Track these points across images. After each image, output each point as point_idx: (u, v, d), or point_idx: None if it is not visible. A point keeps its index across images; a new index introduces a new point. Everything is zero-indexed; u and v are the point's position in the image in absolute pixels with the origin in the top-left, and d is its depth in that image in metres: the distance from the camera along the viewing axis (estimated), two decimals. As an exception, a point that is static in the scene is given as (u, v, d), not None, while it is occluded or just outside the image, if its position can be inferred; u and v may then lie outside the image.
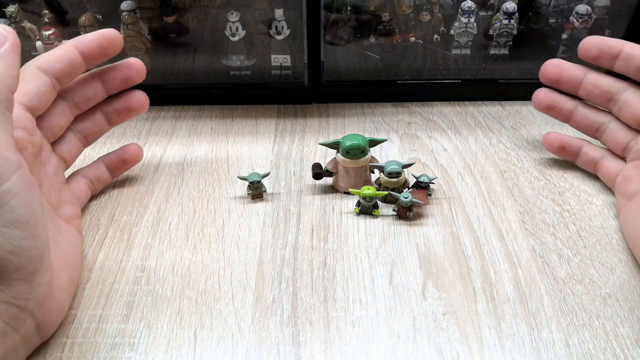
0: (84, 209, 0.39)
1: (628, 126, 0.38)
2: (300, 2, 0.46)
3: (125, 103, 0.39)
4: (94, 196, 0.40)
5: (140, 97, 0.39)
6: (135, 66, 0.37)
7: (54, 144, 0.36)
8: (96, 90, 0.37)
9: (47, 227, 0.28)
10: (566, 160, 0.43)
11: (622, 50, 0.37)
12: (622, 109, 0.38)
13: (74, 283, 0.32)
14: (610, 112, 0.40)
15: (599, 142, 0.41)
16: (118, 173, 0.41)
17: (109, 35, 0.35)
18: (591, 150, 0.41)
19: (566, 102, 0.41)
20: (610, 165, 0.40)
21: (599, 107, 0.40)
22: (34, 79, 0.32)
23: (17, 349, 0.27)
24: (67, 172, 0.38)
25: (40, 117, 0.34)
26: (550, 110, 0.42)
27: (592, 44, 0.38)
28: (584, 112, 0.41)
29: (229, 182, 0.42)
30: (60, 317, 0.31)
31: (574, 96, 0.41)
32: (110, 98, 0.38)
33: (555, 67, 0.40)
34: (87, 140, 0.39)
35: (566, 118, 0.42)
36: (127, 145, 0.41)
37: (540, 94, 0.42)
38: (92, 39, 0.34)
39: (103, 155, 0.41)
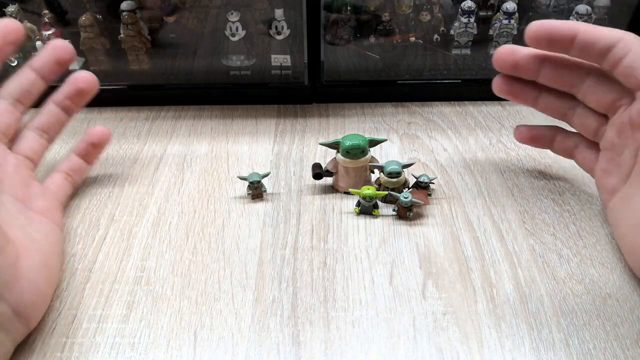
0: (84, 208, 0.39)
1: (595, 111, 0.36)
2: (300, 2, 0.46)
3: (71, 86, 0.38)
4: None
5: (85, 75, 0.38)
6: (61, 45, 0.37)
7: (13, 144, 0.36)
8: (30, 79, 0.37)
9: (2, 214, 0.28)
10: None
11: (577, 35, 0.32)
12: (587, 96, 0.36)
13: (49, 267, 0.32)
14: (575, 96, 0.37)
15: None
16: (92, 158, 0.41)
17: (6, 25, 0.34)
18: (564, 138, 0.39)
19: (528, 89, 0.38)
20: (585, 153, 0.38)
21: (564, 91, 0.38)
22: None
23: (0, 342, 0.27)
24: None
25: None
26: (513, 96, 0.38)
27: (542, 33, 0.33)
28: (548, 98, 0.38)
29: (229, 182, 0.42)
30: (41, 301, 0.30)
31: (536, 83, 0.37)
32: (57, 87, 0.38)
33: (509, 55, 0.36)
34: (49, 134, 0.38)
35: (532, 104, 0.38)
36: (92, 128, 0.41)
37: (498, 81, 0.38)
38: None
39: (74, 146, 0.41)
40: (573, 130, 0.39)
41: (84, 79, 0.38)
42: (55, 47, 0.37)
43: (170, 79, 0.52)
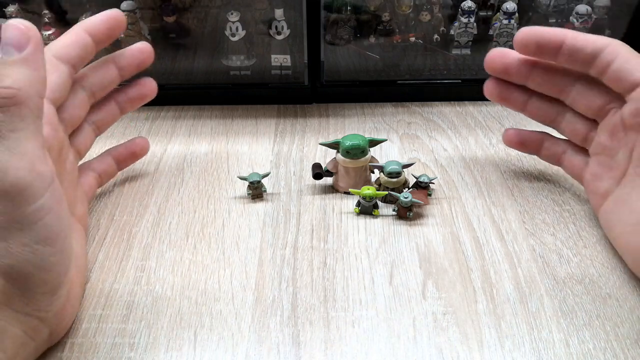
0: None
1: (584, 116, 0.36)
2: (300, 2, 0.46)
3: (139, 91, 0.39)
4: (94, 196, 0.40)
5: (152, 84, 0.39)
6: (146, 50, 0.37)
7: (70, 136, 0.35)
8: (112, 76, 0.36)
9: (71, 240, 0.27)
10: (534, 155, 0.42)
11: (564, 41, 0.33)
12: (576, 101, 0.36)
13: (83, 286, 0.32)
14: (564, 102, 0.37)
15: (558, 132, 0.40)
16: (124, 166, 0.41)
17: (115, 15, 0.34)
18: (552, 144, 0.39)
19: (518, 94, 0.38)
20: (573, 159, 0.38)
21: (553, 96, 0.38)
22: (54, 70, 0.31)
23: (30, 357, 0.28)
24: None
25: (59, 109, 0.33)
26: (501, 100, 0.39)
27: (530, 39, 0.34)
28: (537, 103, 0.38)
29: (229, 182, 0.42)
30: (71, 322, 0.31)
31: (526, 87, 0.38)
32: (121, 86, 0.38)
33: (500, 58, 0.37)
34: (100, 130, 0.38)
35: (520, 108, 0.39)
36: (136, 138, 0.42)
37: (490, 85, 0.39)
38: (101, 20, 0.34)
39: (111, 148, 0.40)
40: (561, 137, 0.39)
41: (151, 87, 0.39)
42: (142, 51, 0.37)
43: (170, 79, 0.52)
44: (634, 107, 0.32)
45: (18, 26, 0.25)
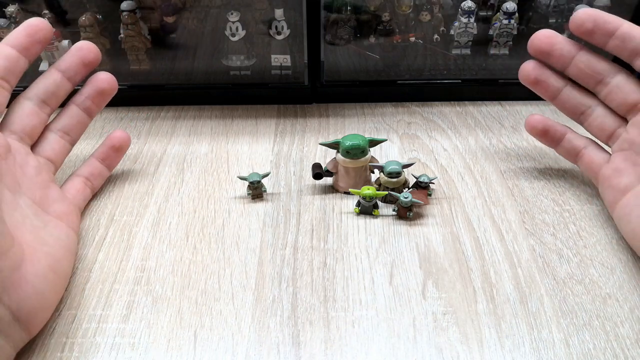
0: (84, 208, 0.39)
1: (614, 113, 0.37)
2: (300, 2, 0.46)
3: (94, 86, 0.39)
4: (94, 196, 0.40)
5: (106, 76, 0.39)
6: (85, 46, 0.37)
7: (34, 146, 0.36)
8: (57, 81, 0.37)
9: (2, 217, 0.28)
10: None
11: (619, 28, 0.34)
12: (612, 93, 0.36)
13: (57, 273, 0.31)
14: (596, 96, 0.38)
15: (582, 130, 0.40)
16: (113, 163, 0.41)
17: (32, 22, 0.35)
18: (575, 138, 0.40)
19: (554, 79, 0.39)
20: (594, 155, 0.38)
21: (587, 88, 0.38)
22: None
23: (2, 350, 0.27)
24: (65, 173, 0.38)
25: (5, 121, 0.34)
26: (536, 84, 0.39)
27: (587, 16, 0.35)
28: (571, 93, 0.38)
29: (229, 182, 0.42)
30: (44, 307, 0.30)
31: (562, 75, 0.39)
32: (78, 89, 0.39)
33: (547, 37, 0.37)
34: (71, 136, 0.38)
35: (552, 96, 0.39)
36: (112, 132, 0.41)
37: (529, 66, 0.39)
38: (19, 30, 0.35)
39: (94, 151, 0.41)
40: (583, 135, 0.40)
41: (104, 79, 0.39)
42: (80, 49, 0.37)
43: (170, 79, 0.52)
44: None
45: None
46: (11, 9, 0.48)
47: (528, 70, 0.39)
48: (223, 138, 0.47)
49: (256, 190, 0.40)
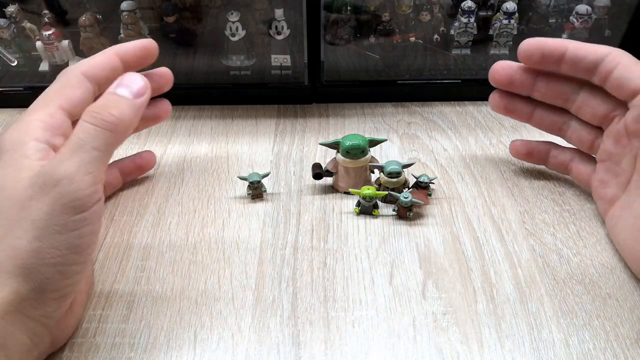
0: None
1: (590, 124, 0.37)
2: (300, 2, 0.46)
3: (153, 112, 0.39)
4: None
5: (168, 107, 0.40)
6: (166, 76, 0.38)
7: None
8: None
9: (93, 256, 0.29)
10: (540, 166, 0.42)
11: (566, 52, 0.34)
12: (581, 109, 0.36)
13: (87, 296, 0.33)
14: (568, 111, 0.38)
15: (565, 141, 0.40)
16: (130, 178, 0.41)
17: (148, 45, 0.35)
18: (560, 153, 0.40)
19: (523, 104, 0.39)
20: (581, 167, 0.39)
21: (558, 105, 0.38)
22: (79, 86, 0.32)
23: None
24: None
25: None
26: (508, 113, 0.40)
27: (533, 48, 0.35)
28: (543, 113, 0.39)
29: (229, 182, 0.42)
30: (72, 330, 0.31)
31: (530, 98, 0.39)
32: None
33: (505, 69, 0.37)
34: None
35: (526, 119, 0.40)
36: (143, 152, 0.42)
37: (497, 97, 0.39)
38: (134, 48, 0.35)
39: (117, 160, 0.41)
40: (567, 145, 0.40)
41: (166, 110, 0.40)
42: (163, 76, 0.37)
43: (170, 79, 0.52)
44: (636, 113, 0.33)
45: (141, 81, 0.31)
46: (11, 9, 0.48)
47: (496, 101, 0.40)
48: (223, 138, 0.47)
49: (256, 190, 0.40)
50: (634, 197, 0.33)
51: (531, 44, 0.35)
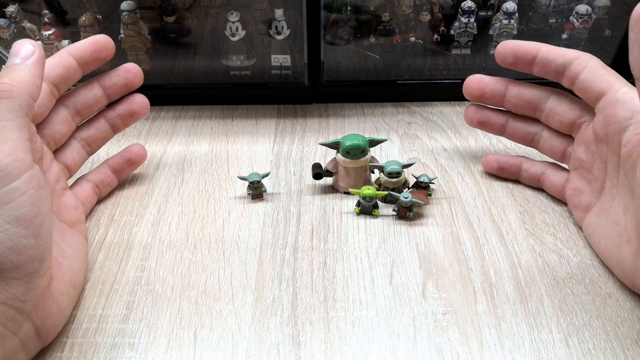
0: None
1: (560, 133, 0.38)
2: (300, 2, 0.46)
3: (128, 107, 0.39)
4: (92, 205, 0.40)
5: (142, 100, 0.40)
6: (133, 70, 0.38)
7: (56, 152, 0.36)
8: (96, 96, 0.38)
9: (51, 230, 0.28)
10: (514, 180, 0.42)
11: (538, 54, 0.36)
12: (549, 117, 0.38)
13: (75, 287, 0.32)
14: (539, 121, 0.39)
15: (537, 154, 0.41)
16: (123, 175, 0.41)
17: (100, 40, 0.36)
18: (531, 166, 0.40)
19: (496, 117, 0.40)
20: (553, 178, 0.39)
21: (529, 116, 0.39)
22: None
23: (16, 353, 0.27)
24: (73, 178, 0.39)
25: (40, 125, 0.35)
26: (482, 126, 0.41)
27: (507, 50, 0.37)
28: (515, 125, 0.40)
29: (229, 182, 0.42)
30: (61, 321, 0.30)
31: (503, 110, 0.40)
32: (112, 104, 0.39)
33: (476, 83, 0.39)
34: (92, 147, 0.39)
35: (500, 132, 0.41)
36: (131, 145, 0.41)
37: (471, 111, 0.41)
38: (85, 44, 0.36)
39: (107, 159, 0.41)
40: (538, 159, 0.41)
41: (140, 103, 0.40)
42: (128, 71, 0.38)
43: (170, 79, 0.52)
44: (600, 117, 0.34)
45: (27, 44, 0.30)
46: (11, 9, 0.48)
47: (470, 115, 0.41)
48: (223, 138, 0.47)
49: (256, 190, 0.40)
50: (609, 203, 0.33)
51: (506, 46, 0.37)
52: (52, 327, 0.29)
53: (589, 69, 0.34)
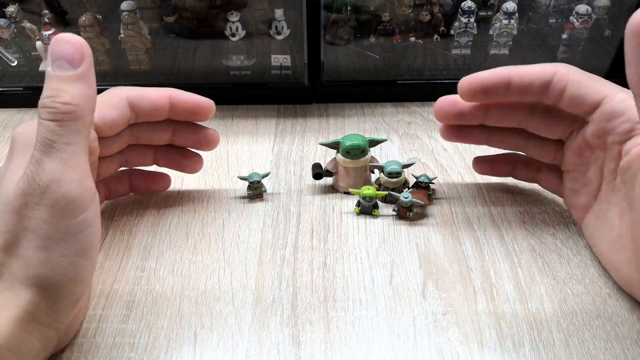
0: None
1: (549, 139, 0.36)
2: (300, 2, 0.46)
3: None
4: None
5: (194, 164, 0.38)
6: (211, 138, 0.37)
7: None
8: (163, 138, 0.37)
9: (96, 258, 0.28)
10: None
11: (510, 82, 0.32)
12: (538, 129, 0.35)
13: (89, 295, 0.33)
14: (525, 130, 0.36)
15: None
16: (136, 192, 0.40)
17: (204, 104, 0.35)
18: (525, 165, 0.38)
19: (477, 132, 0.37)
20: (549, 176, 0.37)
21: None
22: (118, 108, 0.32)
23: None
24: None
25: (103, 141, 0.33)
26: (463, 140, 0.38)
27: (475, 86, 0.32)
28: (499, 136, 0.37)
29: (229, 182, 0.42)
30: (77, 331, 0.31)
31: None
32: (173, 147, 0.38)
33: (450, 106, 0.35)
34: (127, 164, 0.37)
35: (484, 143, 0.38)
36: (161, 174, 0.39)
37: (446, 131, 0.37)
38: (189, 101, 0.35)
39: (133, 170, 0.39)
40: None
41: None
42: (207, 138, 0.37)
43: (170, 79, 0.52)
44: (596, 128, 0.32)
45: (72, 41, 0.26)
46: (11, 9, 0.48)
47: (448, 134, 0.37)
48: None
49: (256, 190, 0.40)
50: (606, 206, 0.33)
51: (472, 83, 0.33)
52: (69, 338, 0.30)
53: (573, 82, 0.31)
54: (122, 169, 0.38)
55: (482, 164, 0.40)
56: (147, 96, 0.34)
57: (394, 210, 0.39)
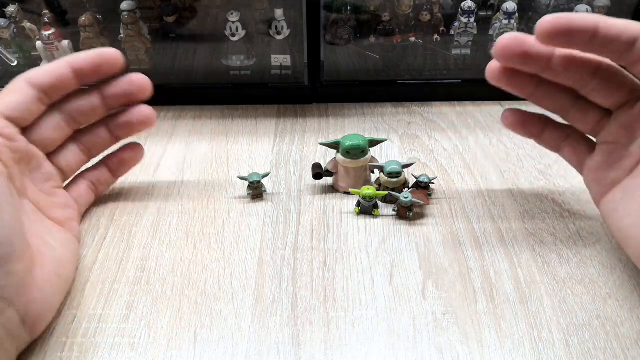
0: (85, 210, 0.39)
1: (596, 105, 0.33)
2: (300, 2, 0.46)
3: (127, 117, 0.38)
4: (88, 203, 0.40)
5: (143, 112, 0.38)
6: (136, 82, 0.36)
7: (52, 154, 0.36)
8: (93, 104, 0.36)
9: (16, 215, 0.28)
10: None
11: (597, 30, 0.29)
12: (594, 93, 0.32)
13: (61, 277, 0.32)
14: (574, 90, 0.33)
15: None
16: (120, 173, 0.41)
17: (105, 54, 0.35)
18: (556, 128, 0.36)
19: (527, 80, 0.34)
20: (577, 145, 0.36)
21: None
22: (18, 91, 0.33)
23: (2, 342, 0.27)
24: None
25: (29, 129, 0.34)
26: (509, 86, 0.34)
27: (559, 26, 0.29)
28: (548, 90, 0.34)
29: (229, 182, 0.42)
30: (48, 311, 0.30)
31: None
32: (116, 113, 0.38)
33: (518, 44, 0.31)
34: (91, 152, 0.38)
35: (528, 95, 0.34)
36: (126, 144, 0.40)
37: (495, 70, 0.33)
38: (87, 56, 0.34)
39: (105, 156, 0.40)
40: (563, 122, 0.36)
41: (140, 114, 0.38)
42: (131, 83, 0.36)
43: (170, 79, 0.52)
44: None
45: None
46: (11, 9, 0.48)
47: (495, 73, 0.34)
48: (223, 138, 0.47)
49: (256, 190, 0.40)
50: (639, 180, 0.31)
51: (558, 21, 0.29)
52: (38, 317, 0.29)
53: None
54: (95, 160, 0.39)
55: (515, 117, 0.37)
56: (44, 69, 0.34)
57: (394, 210, 0.39)
